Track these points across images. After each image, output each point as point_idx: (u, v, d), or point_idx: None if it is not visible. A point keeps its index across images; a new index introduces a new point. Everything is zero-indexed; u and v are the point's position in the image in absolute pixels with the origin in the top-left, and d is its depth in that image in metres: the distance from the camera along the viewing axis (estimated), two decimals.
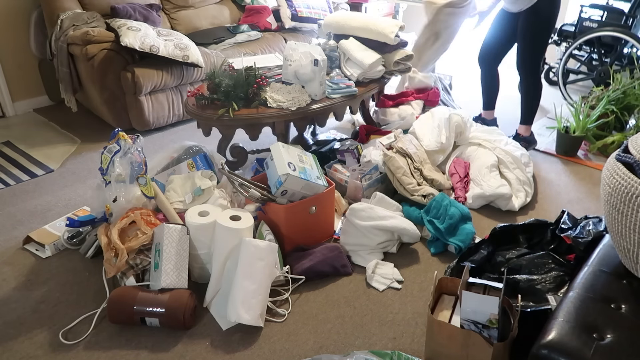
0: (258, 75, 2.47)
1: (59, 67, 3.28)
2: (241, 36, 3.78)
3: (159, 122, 3.34)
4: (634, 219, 1.33)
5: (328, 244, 2.14)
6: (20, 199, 2.64)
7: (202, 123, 2.50)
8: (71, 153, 3.13)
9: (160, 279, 1.80)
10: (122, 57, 3.14)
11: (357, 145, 2.73)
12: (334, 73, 2.61)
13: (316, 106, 2.48)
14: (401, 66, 2.85)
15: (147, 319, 1.76)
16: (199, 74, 3.37)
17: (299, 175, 2.03)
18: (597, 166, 2.96)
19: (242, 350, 1.73)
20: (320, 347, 1.75)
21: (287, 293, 1.96)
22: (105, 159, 2.12)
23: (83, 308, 1.91)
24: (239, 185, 2.06)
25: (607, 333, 1.27)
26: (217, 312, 1.87)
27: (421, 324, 1.84)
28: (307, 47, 2.52)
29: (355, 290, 2.00)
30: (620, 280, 1.44)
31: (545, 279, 1.78)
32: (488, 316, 1.46)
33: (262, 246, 1.82)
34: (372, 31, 2.75)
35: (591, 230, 1.92)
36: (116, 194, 2.07)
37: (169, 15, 3.77)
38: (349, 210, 2.17)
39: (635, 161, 1.36)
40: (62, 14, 3.29)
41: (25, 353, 1.73)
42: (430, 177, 2.51)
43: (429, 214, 2.27)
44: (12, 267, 2.14)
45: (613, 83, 3.36)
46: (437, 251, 2.21)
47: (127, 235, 1.98)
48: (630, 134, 3.09)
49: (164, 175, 2.37)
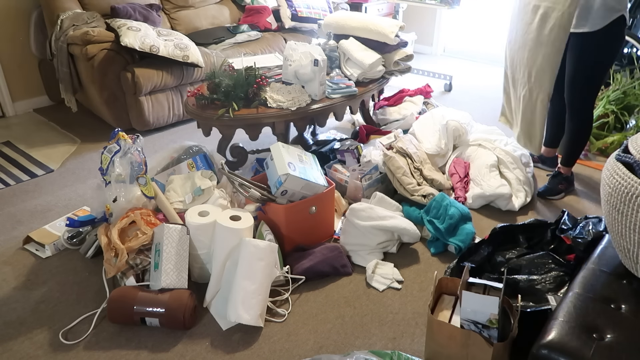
0: (258, 75, 2.47)
1: (59, 67, 3.28)
2: (241, 36, 3.78)
3: (159, 122, 3.34)
4: (634, 219, 1.33)
5: (328, 244, 2.14)
6: (20, 199, 2.64)
7: (202, 123, 2.50)
8: (71, 153, 3.13)
9: (160, 279, 1.80)
10: (122, 57, 3.14)
11: (357, 145, 2.73)
12: (334, 73, 2.61)
13: (316, 106, 2.48)
14: (401, 66, 2.86)
15: (147, 319, 1.76)
16: (199, 74, 3.37)
17: (299, 175, 2.03)
18: (597, 166, 2.96)
19: (242, 350, 1.73)
20: (320, 347, 1.75)
21: (287, 293, 1.96)
22: (105, 159, 2.12)
23: (83, 308, 1.91)
24: (239, 185, 2.06)
25: (607, 333, 1.27)
26: (217, 312, 1.87)
27: (421, 324, 1.84)
28: (307, 47, 2.52)
29: (355, 290, 2.00)
30: (620, 280, 1.44)
31: (545, 279, 1.78)
32: (488, 316, 1.46)
33: (262, 246, 1.82)
34: (372, 31, 2.75)
35: (591, 230, 1.92)
36: (116, 194, 2.06)
37: (169, 15, 3.77)
38: (349, 210, 2.17)
39: (635, 161, 1.36)
40: (62, 14, 3.29)
41: (25, 353, 1.73)
42: (430, 177, 2.51)
43: (429, 214, 2.27)
44: (12, 267, 2.14)
45: (613, 83, 3.36)
46: (437, 251, 2.21)
47: (127, 235, 1.98)
48: (630, 134, 3.09)
49: (164, 175, 2.37)
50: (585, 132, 2.50)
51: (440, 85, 4.25)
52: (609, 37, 2.23)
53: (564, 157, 2.61)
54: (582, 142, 2.53)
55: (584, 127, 2.48)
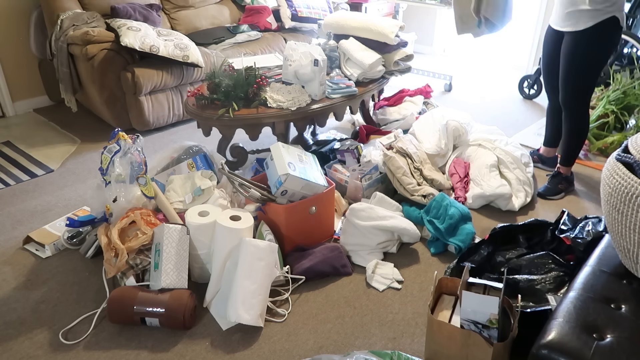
0: (258, 75, 2.47)
1: (59, 67, 3.28)
2: (241, 36, 3.78)
3: (159, 122, 3.34)
4: (634, 219, 1.33)
5: (328, 244, 2.14)
6: (20, 199, 2.64)
7: (202, 123, 2.50)
8: (71, 153, 3.13)
9: (160, 279, 1.80)
10: (122, 57, 3.14)
11: (357, 145, 2.73)
12: (334, 73, 2.61)
13: (316, 106, 2.48)
14: (401, 66, 2.86)
15: (147, 319, 1.76)
16: (199, 74, 3.37)
17: (299, 175, 2.03)
18: (597, 166, 2.96)
19: (242, 350, 1.73)
20: (320, 347, 1.75)
21: (287, 293, 1.96)
22: (105, 159, 2.12)
23: (83, 308, 1.91)
24: (239, 185, 2.06)
25: (607, 333, 1.27)
26: (217, 312, 1.87)
27: (421, 324, 1.84)
28: (307, 47, 2.52)
29: (355, 290, 2.00)
30: (620, 280, 1.44)
31: (545, 280, 1.78)
32: (488, 316, 1.46)
33: (262, 246, 1.82)
34: (372, 31, 2.74)
35: (590, 230, 1.92)
36: (116, 194, 2.06)
37: (169, 15, 3.77)
38: (349, 210, 2.17)
39: (635, 161, 1.36)
40: (62, 14, 3.29)
41: (25, 353, 1.73)
42: (430, 177, 2.51)
43: (429, 214, 2.27)
44: (12, 267, 2.14)
45: (613, 83, 3.36)
46: (437, 251, 2.21)
47: (127, 235, 1.98)
48: (630, 134, 3.09)
49: (164, 175, 2.37)
50: (582, 132, 2.51)
51: (440, 85, 4.25)
52: (599, 37, 2.25)
53: (563, 157, 2.62)
54: (579, 141, 2.54)
55: (581, 127, 2.49)
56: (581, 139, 2.54)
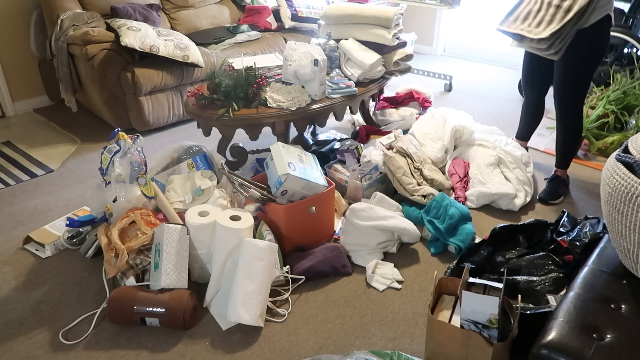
0: (258, 75, 2.47)
1: (59, 67, 3.28)
2: (241, 36, 3.78)
3: (159, 122, 3.34)
4: (634, 219, 1.33)
5: (328, 244, 2.14)
6: (20, 199, 2.64)
7: (202, 123, 2.50)
8: (71, 153, 3.13)
9: (160, 279, 1.80)
10: (122, 57, 3.14)
11: (357, 145, 2.73)
12: (334, 73, 2.61)
13: (316, 106, 2.48)
14: (401, 66, 2.85)
15: (147, 319, 1.76)
16: (199, 74, 3.37)
17: (299, 175, 2.03)
18: (597, 166, 2.96)
19: (242, 350, 1.73)
20: (320, 347, 1.75)
21: (287, 293, 1.96)
22: (105, 159, 2.12)
23: (83, 308, 1.91)
24: (239, 185, 2.06)
25: (607, 333, 1.27)
26: (217, 312, 1.87)
27: (421, 324, 1.84)
28: (307, 47, 2.52)
29: (355, 290, 2.00)
30: (620, 280, 1.44)
31: (544, 281, 1.78)
32: (488, 316, 1.46)
33: (262, 246, 1.82)
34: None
35: (588, 232, 1.92)
36: (116, 194, 2.06)
37: (169, 15, 3.77)
38: (349, 210, 2.17)
39: (635, 161, 1.36)
40: (62, 14, 3.29)
41: (25, 353, 1.73)
42: (430, 177, 2.51)
43: (429, 214, 2.27)
44: (12, 267, 2.14)
45: (613, 83, 3.36)
46: (437, 251, 2.21)
47: (127, 235, 1.98)
48: (630, 134, 3.09)
49: (164, 175, 2.37)
50: (577, 132, 2.51)
51: (440, 85, 4.24)
52: (598, 34, 2.26)
53: (559, 159, 2.61)
54: (575, 142, 2.55)
55: (576, 127, 2.49)
56: (577, 140, 2.55)
